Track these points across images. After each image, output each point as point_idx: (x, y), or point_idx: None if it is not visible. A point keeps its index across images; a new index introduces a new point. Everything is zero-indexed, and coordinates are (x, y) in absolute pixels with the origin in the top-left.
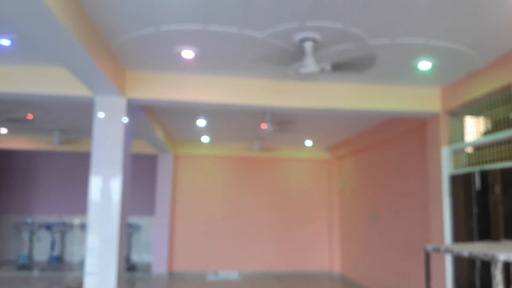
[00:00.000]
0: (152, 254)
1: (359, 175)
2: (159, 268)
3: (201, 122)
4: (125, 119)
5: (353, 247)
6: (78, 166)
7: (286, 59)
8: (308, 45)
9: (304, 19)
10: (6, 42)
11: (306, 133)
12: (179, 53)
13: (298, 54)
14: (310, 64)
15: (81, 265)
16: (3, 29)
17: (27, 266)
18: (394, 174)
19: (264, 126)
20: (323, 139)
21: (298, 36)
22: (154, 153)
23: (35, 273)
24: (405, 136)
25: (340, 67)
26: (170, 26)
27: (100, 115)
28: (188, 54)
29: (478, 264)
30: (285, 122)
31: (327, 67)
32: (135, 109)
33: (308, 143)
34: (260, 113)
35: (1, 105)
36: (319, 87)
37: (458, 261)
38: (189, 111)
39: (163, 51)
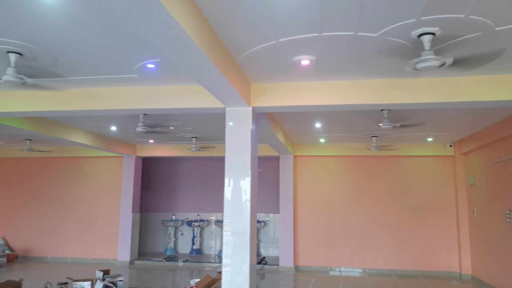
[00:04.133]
0: (279, 249)
1: (489, 170)
2: (286, 262)
3: (318, 124)
4: (252, 126)
5: (486, 246)
6: (213, 169)
7: (403, 55)
8: (427, 39)
9: (422, 14)
10: (151, 65)
11: (427, 129)
12: (297, 62)
13: (416, 49)
14: (429, 58)
15: (217, 257)
16: (148, 55)
17: (173, 257)
18: None
19: (382, 124)
20: (446, 135)
21: (415, 31)
22: (276, 155)
23: (180, 263)
24: None
25: (464, 61)
26: (288, 37)
27: (231, 123)
28: (305, 61)
29: None
30: (404, 119)
31: (449, 60)
32: (259, 116)
33: (430, 139)
34: (377, 112)
35: (149, 119)
36: (438, 81)
37: None
38: (307, 114)
39: (282, 61)
